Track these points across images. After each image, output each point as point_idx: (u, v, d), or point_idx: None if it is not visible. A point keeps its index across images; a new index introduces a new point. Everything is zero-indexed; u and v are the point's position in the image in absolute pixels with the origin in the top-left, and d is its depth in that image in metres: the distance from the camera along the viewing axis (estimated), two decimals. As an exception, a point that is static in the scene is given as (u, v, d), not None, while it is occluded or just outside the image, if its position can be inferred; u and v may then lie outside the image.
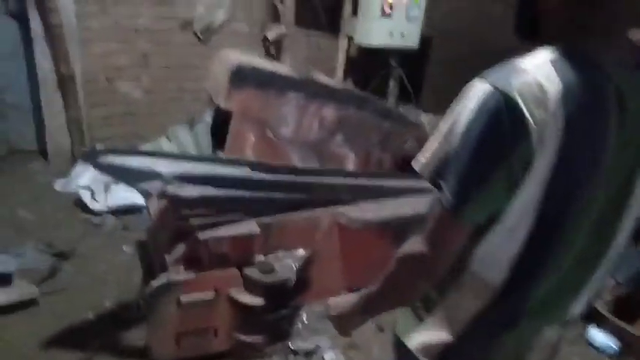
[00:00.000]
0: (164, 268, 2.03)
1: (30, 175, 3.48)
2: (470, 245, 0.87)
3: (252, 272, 2.00)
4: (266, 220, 2.10)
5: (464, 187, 0.79)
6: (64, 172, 3.37)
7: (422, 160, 0.86)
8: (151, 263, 2.53)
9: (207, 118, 3.31)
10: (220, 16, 3.87)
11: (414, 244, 0.86)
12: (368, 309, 1.05)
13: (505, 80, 0.76)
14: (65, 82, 3.41)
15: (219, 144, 2.51)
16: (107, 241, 2.88)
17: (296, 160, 2.36)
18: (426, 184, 0.85)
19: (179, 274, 1.90)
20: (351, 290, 2.49)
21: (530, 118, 0.74)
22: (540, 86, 0.75)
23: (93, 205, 3.06)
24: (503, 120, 0.75)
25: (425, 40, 4.24)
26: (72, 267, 2.59)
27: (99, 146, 3.52)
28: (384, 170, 2.68)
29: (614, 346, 2.34)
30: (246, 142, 2.24)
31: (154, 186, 1.85)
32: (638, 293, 2.56)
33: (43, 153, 3.66)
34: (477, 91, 0.79)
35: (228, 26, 3.95)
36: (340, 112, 2.45)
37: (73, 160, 3.51)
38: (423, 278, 0.89)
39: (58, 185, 3.32)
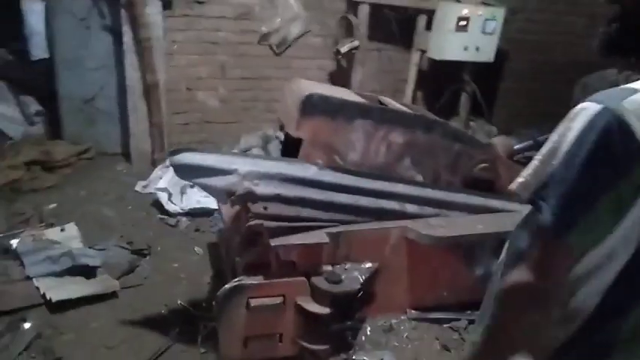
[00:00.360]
0: (234, 271, 2.11)
1: (115, 176, 3.75)
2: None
3: (319, 281, 2.02)
4: (335, 230, 2.12)
5: (568, 210, 0.74)
6: (145, 175, 3.59)
7: (520, 179, 0.82)
8: (220, 265, 2.63)
9: (279, 135, 3.40)
10: (296, 29, 3.99)
11: (518, 276, 0.79)
12: None
13: (617, 100, 0.72)
14: (150, 91, 3.65)
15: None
16: (181, 242, 3.02)
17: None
18: (499, 204, 0.82)
19: (250, 278, 1.95)
20: (415, 307, 2.47)
21: None
22: None
23: (169, 207, 3.24)
24: (614, 140, 0.70)
25: (500, 53, 4.12)
26: (148, 264, 2.75)
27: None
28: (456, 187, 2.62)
29: None
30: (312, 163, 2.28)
31: (230, 181, 1.92)
32: None
33: (126, 156, 3.93)
34: (584, 111, 0.74)
35: (303, 39, 4.05)
36: (408, 136, 2.45)
37: (153, 164, 3.74)
38: (535, 313, 0.81)
39: (139, 186, 3.54)
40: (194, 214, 3.26)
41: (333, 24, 4.07)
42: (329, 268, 2.11)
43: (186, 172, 2.04)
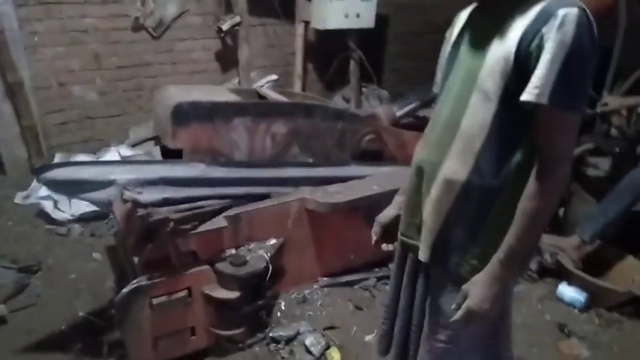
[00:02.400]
0: (134, 272, 2.00)
1: (-13, 190, 3.36)
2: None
3: (224, 267, 1.99)
4: (233, 212, 2.09)
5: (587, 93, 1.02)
6: (24, 184, 3.26)
7: (535, 91, 0.98)
8: (122, 268, 2.49)
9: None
10: (172, 10, 3.77)
11: (566, 168, 1.04)
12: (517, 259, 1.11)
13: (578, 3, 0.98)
14: (14, 91, 3.27)
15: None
16: (75, 250, 2.81)
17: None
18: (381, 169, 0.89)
19: (148, 276, 1.87)
20: (325, 274, 2.54)
21: None
22: None
23: (56, 215, 2.98)
24: (592, 27, 0.98)
25: (380, 18, 4.24)
26: (40, 281, 2.52)
27: (57, 156, 3.43)
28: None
29: (582, 299, 2.44)
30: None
31: (109, 193, 1.81)
32: (603, 250, 2.66)
33: (-1, 166, 3.53)
34: (569, 15, 0.96)
35: (182, 20, 3.85)
36: (290, 125, 2.48)
37: (33, 171, 3.39)
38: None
39: (19, 198, 3.21)
40: (87, 218, 3.03)
41: (211, 2, 3.91)
42: (232, 251, 2.08)
43: (61, 187, 1.88)
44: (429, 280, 1.29)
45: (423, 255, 1.25)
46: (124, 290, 1.84)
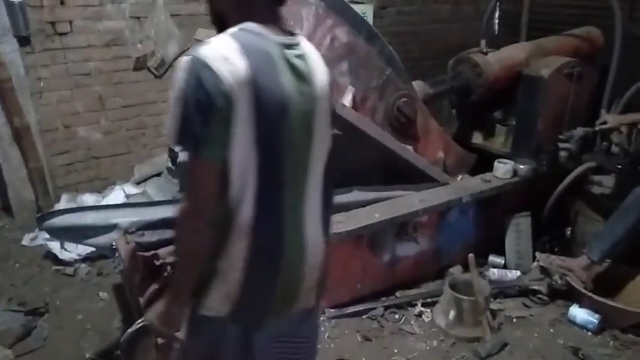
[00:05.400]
0: (140, 312, 2.00)
1: (-5, 234, 3.40)
2: None
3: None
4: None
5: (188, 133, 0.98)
6: (31, 226, 3.29)
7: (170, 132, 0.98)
8: (129, 307, 2.48)
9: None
10: (173, 49, 3.87)
11: (183, 208, 1.04)
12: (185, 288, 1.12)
13: (199, 51, 0.96)
14: (21, 135, 3.35)
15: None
16: (82, 290, 2.81)
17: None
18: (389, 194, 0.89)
19: (153, 315, 1.86)
20: (332, 306, 2.51)
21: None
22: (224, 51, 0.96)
23: (63, 255, 3.00)
24: (206, 77, 0.94)
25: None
26: (47, 323, 2.52)
27: (64, 197, 3.47)
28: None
29: (595, 321, 2.39)
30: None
31: (112, 237, 1.83)
32: (614, 270, 2.62)
33: (7, 209, 3.57)
34: (181, 63, 0.98)
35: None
36: (351, 37, 2.41)
37: (40, 212, 3.43)
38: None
39: (26, 240, 3.24)
40: (93, 257, 3.05)
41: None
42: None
43: (63, 234, 1.91)
44: None
45: None
46: (129, 330, 1.82)
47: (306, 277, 1.17)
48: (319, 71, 1.11)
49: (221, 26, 1.08)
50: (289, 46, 1.06)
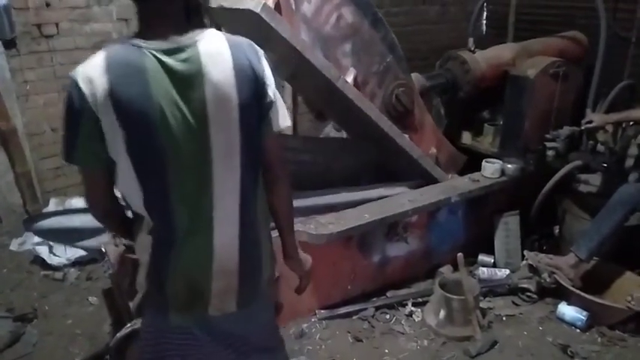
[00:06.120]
0: (129, 316, 1.99)
1: (-18, 239, 3.36)
2: None
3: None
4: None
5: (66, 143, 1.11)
6: (20, 231, 3.25)
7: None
8: (119, 311, 2.47)
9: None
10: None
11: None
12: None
13: (76, 69, 1.07)
14: (7, 139, 3.31)
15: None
16: (71, 295, 2.79)
17: (303, 40, 2.27)
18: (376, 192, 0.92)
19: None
20: (323, 306, 2.51)
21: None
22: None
23: (52, 260, 2.97)
24: (73, 97, 1.05)
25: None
26: (36, 328, 2.50)
27: (52, 201, 3.44)
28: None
29: (583, 318, 2.41)
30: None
31: (102, 240, 1.82)
32: (601, 267, 2.65)
33: (-6, 214, 3.53)
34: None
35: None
36: (357, 18, 2.43)
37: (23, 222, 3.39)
38: None
39: (15, 245, 3.20)
40: (83, 262, 3.02)
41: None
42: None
43: (52, 236, 1.90)
44: None
45: None
46: (119, 335, 1.82)
47: (216, 279, 1.19)
48: (219, 68, 1.09)
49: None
50: (172, 52, 1.06)
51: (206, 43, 1.09)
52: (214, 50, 1.10)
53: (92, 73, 1.04)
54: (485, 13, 4.96)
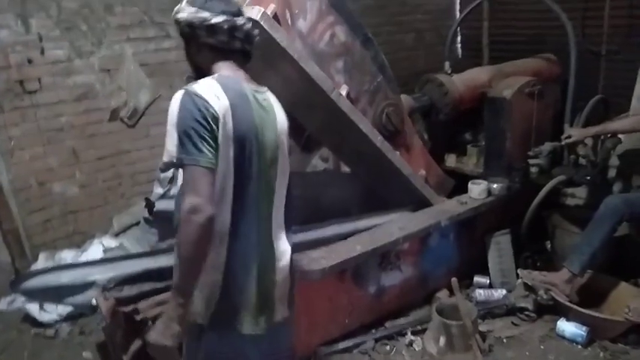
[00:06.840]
0: (124, 369, 1.95)
1: (-29, 300, 3.28)
2: None
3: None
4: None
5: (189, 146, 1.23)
6: (8, 290, 3.18)
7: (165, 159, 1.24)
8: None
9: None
10: (144, 97, 3.89)
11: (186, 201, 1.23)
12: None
13: (190, 87, 1.28)
14: (-7, 197, 3.29)
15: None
16: (64, 352, 2.72)
17: (300, 50, 2.28)
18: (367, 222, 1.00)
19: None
20: (322, 343, 2.47)
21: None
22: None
23: (42, 317, 2.90)
24: (197, 103, 1.23)
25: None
26: (28, 390, 2.43)
27: (41, 255, 3.40)
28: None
29: (584, 333, 2.40)
30: (267, 5, 2.07)
31: (91, 295, 1.80)
32: (596, 280, 2.65)
33: (-18, 274, 3.47)
34: (176, 94, 1.32)
35: (155, 105, 3.97)
36: (349, 38, 2.49)
37: (17, 274, 3.34)
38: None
39: (4, 304, 3.14)
40: (75, 316, 2.96)
41: (182, 85, 4.04)
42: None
43: (41, 295, 1.88)
44: None
45: None
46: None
47: (279, 283, 1.39)
48: (279, 115, 1.42)
49: (199, 75, 1.37)
50: (257, 92, 1.37)
51: (269, 95, 1.43)
52: (276, 101, 1.44)
53: (215, 91, 1.24)
54: (459, 37, 5.10)
